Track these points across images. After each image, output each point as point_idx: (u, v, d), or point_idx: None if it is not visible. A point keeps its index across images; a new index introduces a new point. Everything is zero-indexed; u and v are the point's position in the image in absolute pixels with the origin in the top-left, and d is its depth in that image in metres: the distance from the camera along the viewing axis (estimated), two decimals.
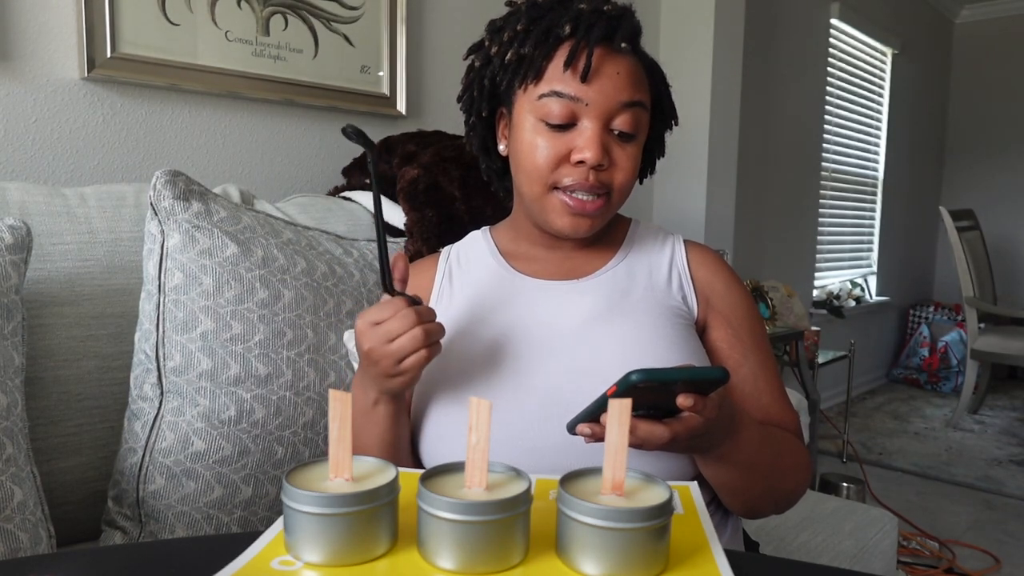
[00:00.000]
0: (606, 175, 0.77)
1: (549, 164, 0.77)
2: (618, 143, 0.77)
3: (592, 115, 0.75)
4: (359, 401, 0.77)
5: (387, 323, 0.68)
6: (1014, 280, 4.70)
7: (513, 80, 0.78)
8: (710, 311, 0.85)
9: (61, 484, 1.00)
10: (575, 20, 0.75)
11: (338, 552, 0.48)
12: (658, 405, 0.61)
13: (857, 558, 1.28)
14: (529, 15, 0.77)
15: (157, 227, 1.00)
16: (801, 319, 2.76)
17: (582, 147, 0.75)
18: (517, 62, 0.77)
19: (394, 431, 0.77)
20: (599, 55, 0.74)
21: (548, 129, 0.76)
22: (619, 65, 0.76)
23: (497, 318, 0.82)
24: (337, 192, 1.55)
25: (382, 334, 0.68)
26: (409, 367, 0.69)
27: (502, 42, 0.78)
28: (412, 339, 0.67)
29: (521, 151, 0.79)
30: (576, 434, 0.64)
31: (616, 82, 0.75)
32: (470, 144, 0.89)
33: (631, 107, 0.76)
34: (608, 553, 0.46)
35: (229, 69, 1.47)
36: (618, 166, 0.77)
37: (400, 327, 0.67)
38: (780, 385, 0.86)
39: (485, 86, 0.81)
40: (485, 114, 0.84)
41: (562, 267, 0.86)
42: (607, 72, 0.75)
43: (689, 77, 2.49)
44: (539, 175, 0.77)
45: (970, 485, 2.87)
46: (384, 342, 0.68)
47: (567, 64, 0.74)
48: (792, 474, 0.79)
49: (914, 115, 4.56)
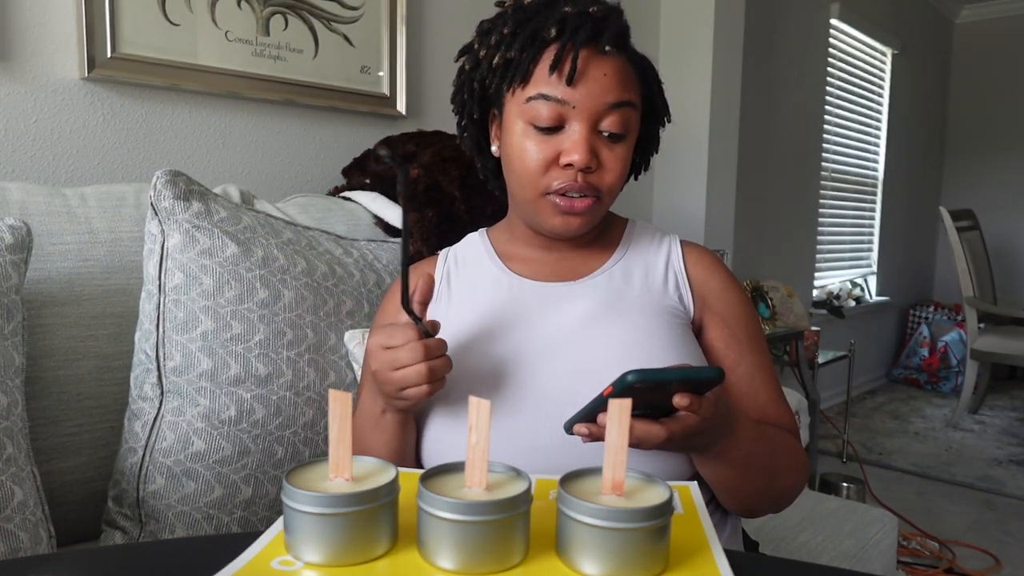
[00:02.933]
0: (595, 177, 0.77)
1: (539, 168, 0.77)
2: (607, 144, 0.77)
3: (579, 117, 0.75)
4: (368, 407, 0.77)
5: (396, 351, 0.68)
6: (1014, 280, 4.70)
7: (501, 84, 0.78)
8: (706, 311, 0.85)
9: (61, 484, 1.00)
10: (561, 22, 0.75)
11: (338, 552, 0.48)
12: (654, 404, 0.62)
13: (857, 558, 1.28)
14: (516, 18, 0.77)
15: (157, 227, 1.00)
16: (801, 319, 2.77)
17: (569, 150, 0.75)
18: (504, 66, 0.77)
19: (401, 438, 0.78)
20: (585, 57, 0.74)
21: (536, 132, 0.76)
22: (606, 66, 0.75)
23: (494, 321, 0.82)
24: (337, 192, 1.55)
25: (389, 360, 0.68)
26: (410, 397, 0.69)
27: (490, 45, 0.78)
28: (416, 373, 0.68)
29: (512, 155, 0.79)
30: (573, 434, 0.64)
31: (603, 84, 0.75)
32: (464, 145, 0.89)
33: (619, 108, 0.76)
34: (608, 553, 0.46)
35: (229, 69, 1.47)
36: (606, 168, 0.78)
37: (407, 359, 0.68)
38: (777, 384, 0.86)
39: (475, 89, 0.81)
40: (476, 116, 0.84)
41: (559, 268, 0.86)
42: (593, 74, 0.75)
43: (689, 77, 2.49)
44: (529, 180, 0.78)
45: (970, 485, 2.87)
46: (390, 368, 0.69)
47: (553, 68, 0.74)
48: (789, 473, 0.79)
49: (914, 115, 4.56)
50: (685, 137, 2.51)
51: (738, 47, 2.58)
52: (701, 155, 2.52)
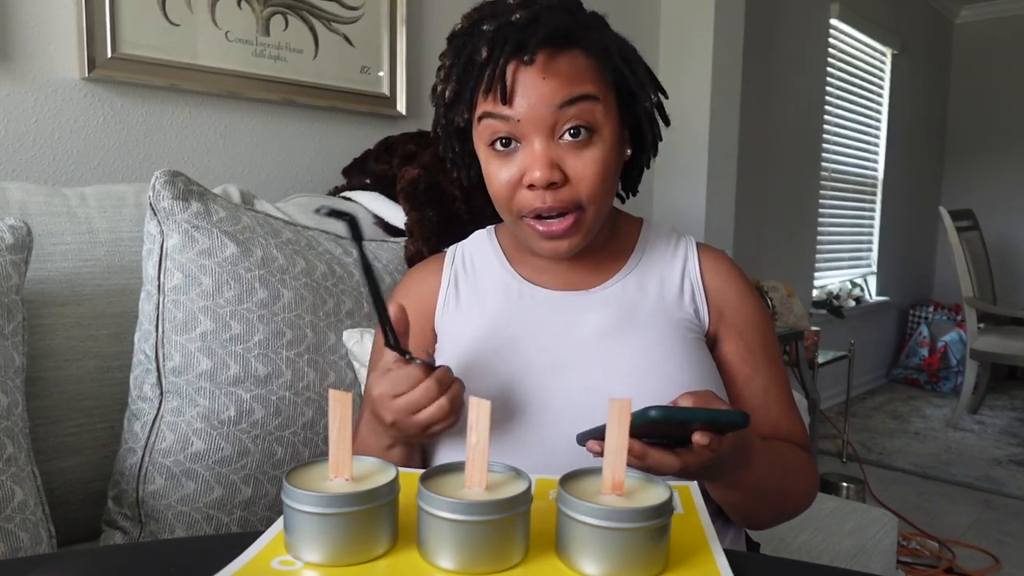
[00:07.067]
0: (567, 192, 0.72)
1: (506, 190, 0.74)
2: (572, 150, 0.72)
3: (528, 131, 0.71)
4: (372, 446, 0.75)
5: (409, 395, 0.67)
6: (1014, 280, 4.70)
7: (459, 116, 0.76)
8: (722, 323, 0.83)
9: (61, 484, 1.00)
10: (489, 43, 0.72)
11: (338, 552, 0.48)
12: (671, 435, 0.61)
13: (857, 558, 1.28)
14: (454, 47, 0.76)
15: (156, 227, 1.00)
16: (801, 319, 2.77)
17: (529, 168, 0.72)
18: (455, 99, 0.75)
19: (408, 465, 0.76)
20: (515, 69, 0.71)
21: (497, 153, 0.74)
22: (543, 70, 0.71)
23: (504, 332, 0.80)
24: (337, 192, 1.55)
25: (405, 407, 0.67)
26: (435, 432, 0.69)
27: (440, 80, 0.77)
28: (439, 410, 0.67)
29: (486, 180, 0.78)
30: (584, 447, 0.63)
31: (542, 89, 0.70)
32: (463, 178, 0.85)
33: (571, 105, 0.71)
34: (608, 553, 0.46)
35: (229, 69, 1.47)
36: (578, 176, 0.72)
37: (424, 399, 0.66)
38: (790, 397, 0.84)
39: (444, 124, 0.80)
40: (458, 149, 0.82)
41: (570, 277, 0.83)
42: (528, 83, 0.71)
43: (689, 77, 2.49)
44: (503, 204, 0.76)
45: (970, 485, 2.87)
46: (409, 414, 0.67)
47: (487, 91, 0.72)
48: (800, 492, 0.79)
49: (914, 115, 4.56)
50: (685, 137, 2.51)
51: (738, 47, 2.58)
52: (701, 155, 2.52)
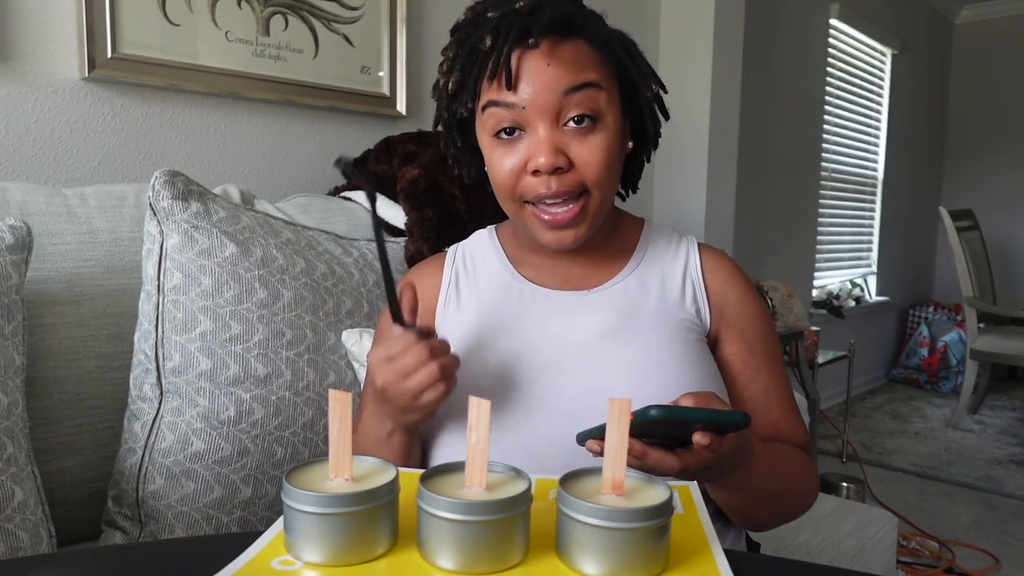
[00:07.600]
0: (572, 177, 0.73)
1: (510, 177, 0.75)
2: (577, 137, 0.73)
3: (534, 118, 0.72)
4: (373, 432, 0.75)
5: (401, 359, 0.67)
6: (1014, 280, 4.70)
7: (463, 107, 0.77)
8: (723, 324, 0.83)
9: (61, 484, 1.00)
10: (494, 30, 0.73)
11: (338, 552, 0.48)
12: (672, 435, 0.61)
13: (857, 558, 1.28)
14: (457, 39, 0.76)
15: (156, 227, 1.00)
16: (801, 319, 2.76)
17: (534, 154, 0.72)
18: (458, 89, 0.76)
19: (407, 458, 0.76)
20: (519, 56, 0.72)
21: (501, 142, 0.75)
22: (548, 56, 0.72)
23: (506, 332, 0.80)
24: (337, 192, 1.55)
25: (397, 370, 0.67)
26: (426, 402, 0.68)
27: (443, 73, 0.78)
28: (429, 374, 0.66)
29: (488, 170, 0.78)
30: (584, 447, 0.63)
31: (548, 76, 0.71)
32: (465, 176, 0.86)
33: (576, 92, 0.72)
34: (608, 553, 0.46)
35: (229, 69, 1.47)
36: (583, 162, 0.73)
37: (415, 363, 0.66)
38: (791, 398, 0.84)
39: (446, 118, 0.80)
40: (460, 144, 0.82)
41: (571, 276, 0.83)
42: (533, 70, 0.71)
43: (689, 77, 2.49)
44: (506, 192, 0.76)
45: (970, 485, 2.87)
46: (399, 378, 0.67)
47: (491, 77, 0.72)
48: (800, 493, 0.79)
49: (914, 115, 4.56)
50: (685, 137, 2.51)
51: (738, 47, 2.58)
52: (701, 155, 2.52)
